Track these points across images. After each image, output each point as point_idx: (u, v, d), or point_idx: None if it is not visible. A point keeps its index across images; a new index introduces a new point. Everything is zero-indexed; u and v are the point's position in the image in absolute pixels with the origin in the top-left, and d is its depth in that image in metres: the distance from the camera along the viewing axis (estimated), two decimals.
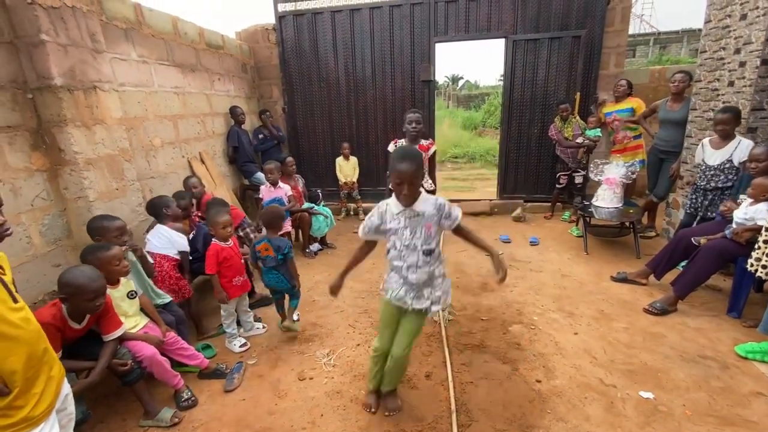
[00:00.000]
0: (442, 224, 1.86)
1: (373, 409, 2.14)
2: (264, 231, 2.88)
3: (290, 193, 4.17)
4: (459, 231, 1.92)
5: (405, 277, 1.88)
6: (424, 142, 3.40)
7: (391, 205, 1.87)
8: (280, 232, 3.87)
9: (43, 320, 1.77)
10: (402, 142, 3.37)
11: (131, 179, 2.99)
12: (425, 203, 1.82)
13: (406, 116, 3.30)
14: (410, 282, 1.87)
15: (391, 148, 3.35)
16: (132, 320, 2.26)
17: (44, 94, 2.44)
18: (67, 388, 1.44)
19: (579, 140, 4.78)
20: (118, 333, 2.03)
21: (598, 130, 4.75)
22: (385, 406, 2.14)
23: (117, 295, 2.19)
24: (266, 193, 4.13)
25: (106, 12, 3.14)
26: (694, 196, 3.51)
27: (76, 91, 2.54)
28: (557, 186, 5.17)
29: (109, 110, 2.80)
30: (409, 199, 1.79)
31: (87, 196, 2.59)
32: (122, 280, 2.23)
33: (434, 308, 1.92)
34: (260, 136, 5.46)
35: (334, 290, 2.10)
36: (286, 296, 2.87)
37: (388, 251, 1.92)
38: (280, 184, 4.14)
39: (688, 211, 3.55)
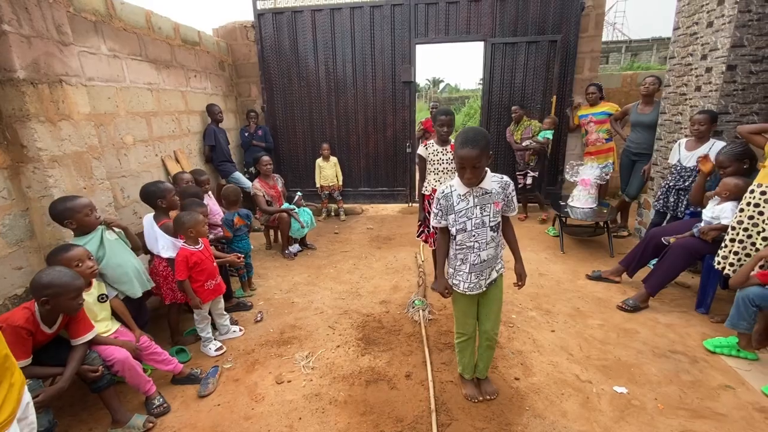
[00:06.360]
0: (503, 208, 1.91)
1: (479, 398, 2.16)
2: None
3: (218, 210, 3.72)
4: (506, 222, 1.99)
5: (478, 256, 1.89)
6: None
7: (456, 186, 1.87)
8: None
9: (17, 323, 1.69)
10: (432, 143, 3.07)
11: (100, 178, 2.87)
12: (491, 181, 1.85)
13: (437, 117, 3.01)
14: (482, 259, 1.90)
15: (421, 151, 3.10)
16: (103, 324, 2.17)
17: (5, 88, 2.31)
18: (28, 397, 1.36)
19: (525, 143, 4.98)
20: (88, 337, 1.94)
21: (550, 132, 4.91)
22: (485, 392, 2.18)
23: (89, 300, 2.10)
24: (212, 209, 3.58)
25: (74, 3, 3.01)
26: (665, 196, 3.60)
27: (41, 84, 2.42)
28: (518, 186, 5.26)
29: (76, 105, 2.68)
30: (473, 181, 1.80)
31: (52, 195, 2.46)
32: (93, 282, 2.14)
33: (500, 272, 2.01)
34: (246, 134, 5.57)
35: (447, 291, 2.02)
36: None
37: (455, 237, 1.92)
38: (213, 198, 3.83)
39: (661, 210, 3.64)
